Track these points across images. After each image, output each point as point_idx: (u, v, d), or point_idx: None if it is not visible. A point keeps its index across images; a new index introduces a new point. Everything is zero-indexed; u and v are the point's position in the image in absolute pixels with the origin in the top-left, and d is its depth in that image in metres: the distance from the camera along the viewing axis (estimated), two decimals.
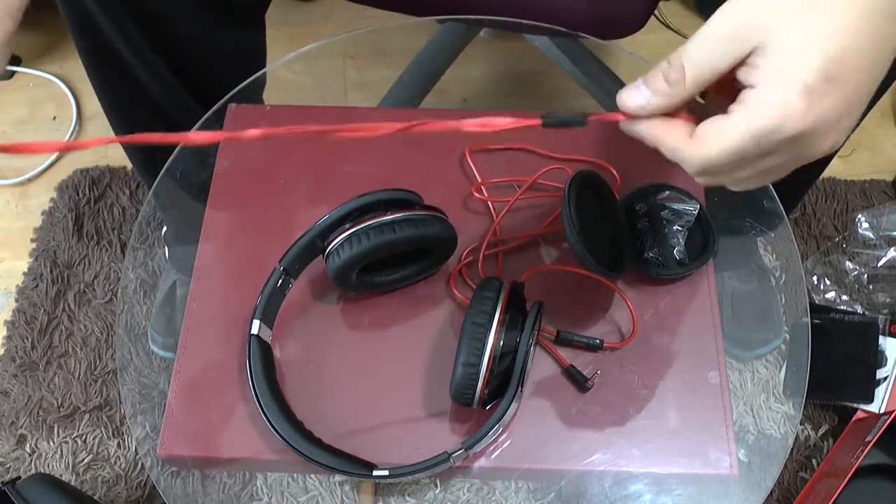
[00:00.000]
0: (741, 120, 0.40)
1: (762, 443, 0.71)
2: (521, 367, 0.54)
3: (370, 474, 0.55)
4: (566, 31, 0.79)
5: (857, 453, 0.93)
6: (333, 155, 0.70)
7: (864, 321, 1.05)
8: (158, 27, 0.71)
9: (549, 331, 0.62)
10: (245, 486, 0.71)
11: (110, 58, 0.73)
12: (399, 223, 0.56)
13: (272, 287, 0.60)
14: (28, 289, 1.18)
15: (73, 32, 0.72)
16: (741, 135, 0.40)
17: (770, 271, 0.98)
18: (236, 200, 0.70)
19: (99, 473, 1.05)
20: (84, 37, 0.73)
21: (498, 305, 0.54)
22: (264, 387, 0.57)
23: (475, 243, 0.66)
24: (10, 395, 1.10)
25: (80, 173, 1.28)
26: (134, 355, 0.73)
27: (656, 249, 0.65)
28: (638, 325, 0.63)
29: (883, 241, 1.13)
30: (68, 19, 0.71)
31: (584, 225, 0.57)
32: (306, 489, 0.77)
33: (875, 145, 1.33)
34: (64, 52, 1.42)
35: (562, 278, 0.65)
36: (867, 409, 1.02)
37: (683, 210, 0.65)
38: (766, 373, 0.82)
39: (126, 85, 0.77)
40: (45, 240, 1.23)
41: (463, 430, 0.59)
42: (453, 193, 0.69)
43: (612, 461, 0.58)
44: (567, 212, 0.57)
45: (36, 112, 1.38)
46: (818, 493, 0.96)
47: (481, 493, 0.71)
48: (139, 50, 0.72)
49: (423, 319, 0.64)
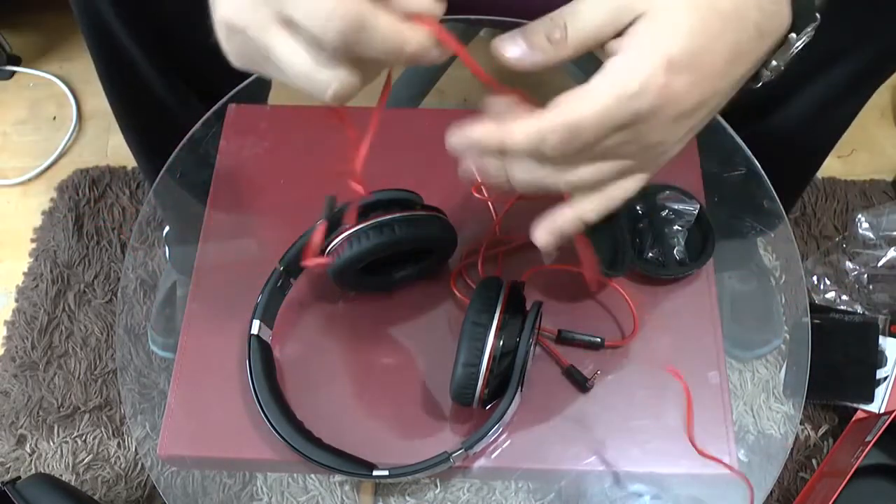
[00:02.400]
0: (603, 82, 0.39)
1: (762, 443, 0.71)
2: (520, 367, 0.54)
3: (370, 474, 0.55)
4: None
5: (857, 453, 0.93)
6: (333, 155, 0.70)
7: (864, 321, 1.05)
8: (171, 32, 0.71)
9: (549, 330, 0.62)
10: (245, 486, 0.71)
11: (122, 60, 0.73)
12: (399, 223, 0.56)
13: (272, 287, 0.60)
14: (28, 289, 1.18)
15: (87, 36, 0.72)
16: (603, 96, 0.38)
17: (770, 271, 0.98)
18: (236, 200, 0.70)
19: (99, 473, 1.05)
20: (97, 40, 0.73)
21: (498, 305, 0.54)
22: (264, 387, 0.57)
23: (475, 243, 0.66)
24: (10, 395, 1.10)
25: (80, 173, 1.28)
26: (134, 355, 0.73)
27: (656, 249, 0.65)
28: (638, 325, 0.63)
29: (883, 241, 1.13)
30: (82, 23, 0.71)
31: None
32: (306, 489, 0.77)
33: (875, 145, 1.33)
34: (64, 52, 1.42)
35: (562, 278, 0.65)
36: (867, 409, 1.02)
37: (683, 210, 0.65)
38: (766, 373, 0.82)
39: (136, 88, 0.77)
40: (45, 240, 1.23)
41: (463, 430, 0.59)
42: (453, 193, 0.69)
43: (612, 461, 0.58)
44: None
45: (36, 112, 1.38)
46: (818, 493, 0.96)
47: (481, 493, 0.71)
48: (151, 53, 0.72)
49: (423, 319, 0.64)
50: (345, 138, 0.44)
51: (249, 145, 0.72)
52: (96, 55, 0.75)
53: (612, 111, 0.38)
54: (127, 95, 0.80)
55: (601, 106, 0.38)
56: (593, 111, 0.38)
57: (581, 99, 0.39)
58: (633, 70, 0.38)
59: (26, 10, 1.43)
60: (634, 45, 0.39)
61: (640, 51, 0.39)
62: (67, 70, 1.41)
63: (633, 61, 0.38)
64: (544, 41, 0.40)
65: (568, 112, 0.39)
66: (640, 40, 0.39)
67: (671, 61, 0.38)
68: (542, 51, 0.40)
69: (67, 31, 1.43)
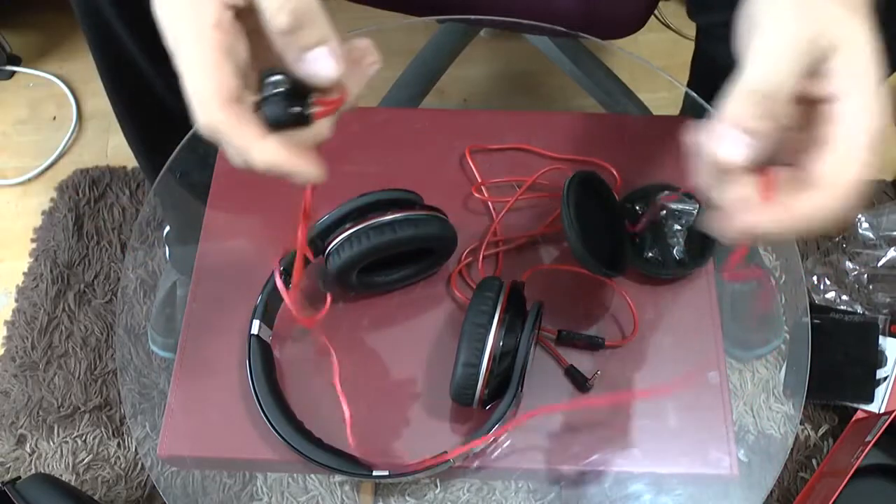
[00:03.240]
0: (858, 134, 0.37)
1: (762, 443, 0.71)
2: (521, 368, 0.54)
3: (370, 474, 0.55)
4: (566, 31, 0.79)
5: (857, 453, 0.93)
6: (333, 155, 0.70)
7: (864, 321, 1.05)
8: None
9: (549, 330, 0.62)
10: (245, 486, 0.72)
11: (123, 60, 0.73)
12: (399, 223, 0.56)
13: (272, 287, 0.60)
14: (28, 289, 1.18)
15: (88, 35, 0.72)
16: (865, 151, 0.37)
17: (770, 271, 0.98)
18: (236, 200, 0.70)
19: (99, 473, 1.05)
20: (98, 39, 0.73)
21: (498, 305, 0.54)
22: (264, 387, 0.57)
23: (475, 243, 0.66)
24: (10, 395, 1.10)
25: (80, 173, 1.28)
26: (134, 355, 0.73)
27: (656, 249, 0.65)
28: (638, 325, 0.63)
29: (883, 241, 1.13)
30: (83, 22, 0.71)
31: (584, 225, 0.57)
32: (306, 489, 0.77)
33: None
34: (64, 52, 1.42)
35: (562, 278, 0.65)
36: (867, 409, 1.02)
37: (683, 210, 0.65)
38: (766, 373, 0.82)
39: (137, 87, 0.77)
40: (45, 240, 1.23)
41: (463, 430, 0.59)
42: (453, 193, 0.69)
43: (612, 461, 0.58)
44: (566, 212, 0.57)
45: (36, 112, 1.38)
46: (818, 493, 0.96)
47: (481, 493, 0.71)
48: (152, 52, 0.72)
49: (423, 319, 0.64)
50: (345, 138, 0.44)
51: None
52: (97, 54, 0.75)
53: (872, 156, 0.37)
54: (128, 95, 0.80)
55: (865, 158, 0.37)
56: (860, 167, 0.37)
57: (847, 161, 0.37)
58: (873, 111, 0.37)
59: (26, 9, 1.43)
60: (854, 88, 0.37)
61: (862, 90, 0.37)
62: (67, 70, 1.41)
63: (867, 102, 0.37)
64: (761, 122, 0.37)
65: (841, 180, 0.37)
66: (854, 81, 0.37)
67: (877, 81, 0.37)
68: (765, 134, 0.37)
69: (67, 31, 1.43)
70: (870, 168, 0.37)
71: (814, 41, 0.37)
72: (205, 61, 0.36)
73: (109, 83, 0.79)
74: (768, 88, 0.37)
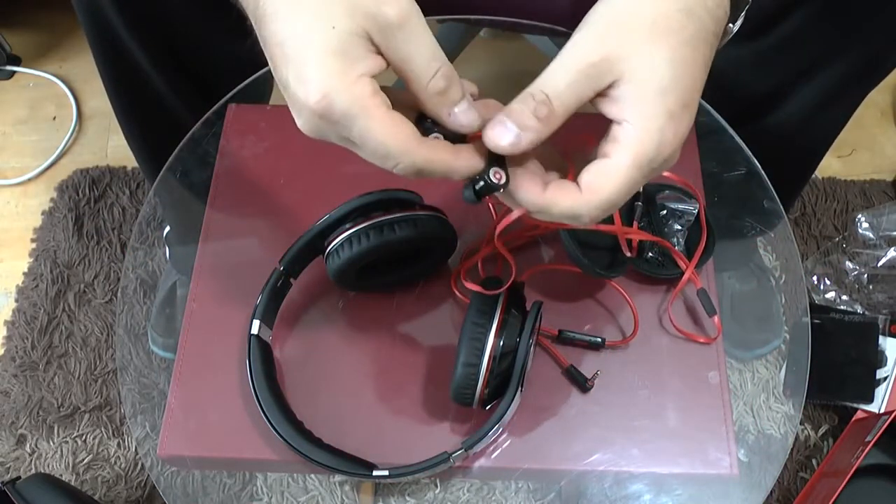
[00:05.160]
0: (624, 157, 0.41)
1: (762, 443, 0.71)
2: (520, 368, 0.54)
3: (370, 474, 0.55)
4: (566, 31, 0.79)
5: (857, 453, 0.93)
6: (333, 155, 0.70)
7: (864, 321, 1.05)
8: (172, 31, 0.71)
9: (549, 330, 0.62)
10: (245, 486, 0.72)
11: (124, 59, 0.73)
12: (399, 223, 0.56)
13: (272, 287, 0.60)
14: (28, 289, 1.18)
15: (89, 35, 0.72)
16: (627, 171, 0.42)
17: (770, 271, 0.98)
18: (236, 200, 0.70)
19: (99, 473, 1.05)
20: (99, 39, 0.73)
21: (498, 305, 0.54)
22: (264, 387, 0.57)
23: (475, 243, 0.66)
24: (10, 395, 1.10)
25: (80, 173, 1.28)
26: (134, 355, 0.72)
27: (656, 249, 0.65)
28: (638, 325, 0.62)
29: (883, 241, 1.13)
30: (84, 22, 0.71)
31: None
32: (306, 489, 0.77)
33: (875, 145, 1.33)
34: (64, 52, 1.42)
35: (562, 278, 0.65)
36: (867, 409, 1.02)
37: (683, 210, 0.65)
38: (766, 373, 0.82)
39: (137, 87, 0.77)
40: (45, 240, 1.23)
41: (463, 430, 0.59)
42: (453, 193, 0.69)
43: (612, 461, 0.58)
44: None
45: (36, 112, 1.38)
46: (818, 493, 0.96)
47: (481, 493, 0.71)
48: (153, 52, 0.72)
49: (423, 319, 0.64)
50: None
51: (249, 145, 0.72)
52: (98, 54, 0.75)
53: (636, 178, 0.42)
54: (128, 94, 0.80)
55: (627, 178, 0.42)
56: (621, 186, 0.42)
57: (608, 177, 0.42)
58: (645, 140, 0.41)
59: (26, 9, 1.43)
60: (636, 114, 0.41)
61: (643, 120, 0.41)
62: (67, 70, 1.41)
63: (642, 132, 0.41)
64: (533, 121, 0.42)
65: (601, 193, 0.42)
66: (638, 109, 0.41)
67: (671, 112, 0.41)
68: (535, 130, 0.42)
69: (67, 31, 1.43)
70: (633, 188, 0.42)
71: (597, 66, 0.41)
72: (383, 126, 0.40)
73: (110, 83, 0.79)
74: (542, 97, 0.41)
